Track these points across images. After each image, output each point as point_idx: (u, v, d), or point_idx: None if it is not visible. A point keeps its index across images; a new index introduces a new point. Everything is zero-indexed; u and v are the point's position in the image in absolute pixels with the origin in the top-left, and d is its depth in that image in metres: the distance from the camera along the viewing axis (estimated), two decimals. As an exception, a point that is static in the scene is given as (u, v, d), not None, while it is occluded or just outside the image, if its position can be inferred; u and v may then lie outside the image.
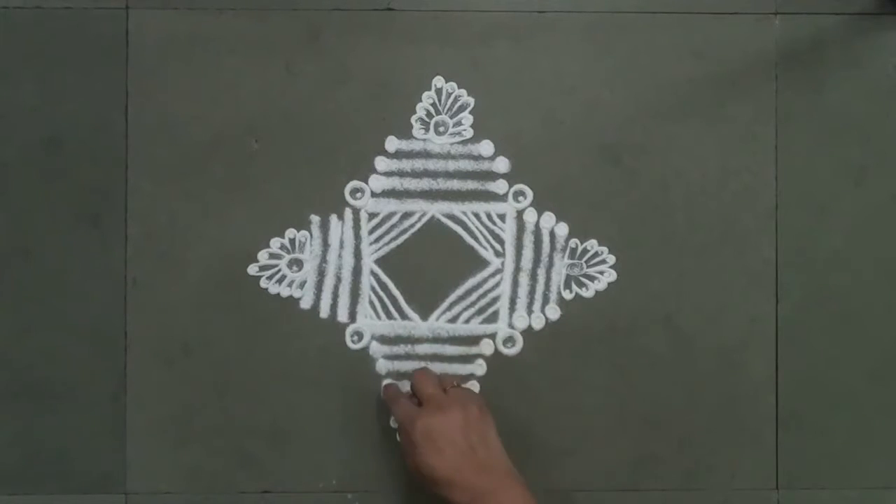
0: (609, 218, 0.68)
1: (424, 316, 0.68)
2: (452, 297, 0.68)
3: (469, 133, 0.68)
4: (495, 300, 0.68)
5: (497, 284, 0.68)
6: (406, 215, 0.68)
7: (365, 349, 0.68)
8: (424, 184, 0.68)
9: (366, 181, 0.68)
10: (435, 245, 0.67)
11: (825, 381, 0.68)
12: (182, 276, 0.67)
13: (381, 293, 0.68)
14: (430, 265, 0.68)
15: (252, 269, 0.67)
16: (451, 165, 0.68)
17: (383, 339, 0.68)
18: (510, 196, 0.68)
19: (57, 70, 0.67)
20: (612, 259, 0.68)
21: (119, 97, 0.67)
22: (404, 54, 0.68)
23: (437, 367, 0.67)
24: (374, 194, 0.68)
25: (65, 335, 0.67)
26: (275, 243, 0.68)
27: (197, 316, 0.67)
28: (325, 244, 0.68)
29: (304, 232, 0.68)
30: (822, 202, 0.69)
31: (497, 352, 0.68)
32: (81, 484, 0.67)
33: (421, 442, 0.56)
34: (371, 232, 0.68)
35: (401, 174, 0.68)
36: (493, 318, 0.68)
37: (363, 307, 0.68)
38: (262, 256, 0.67)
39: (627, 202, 0.68)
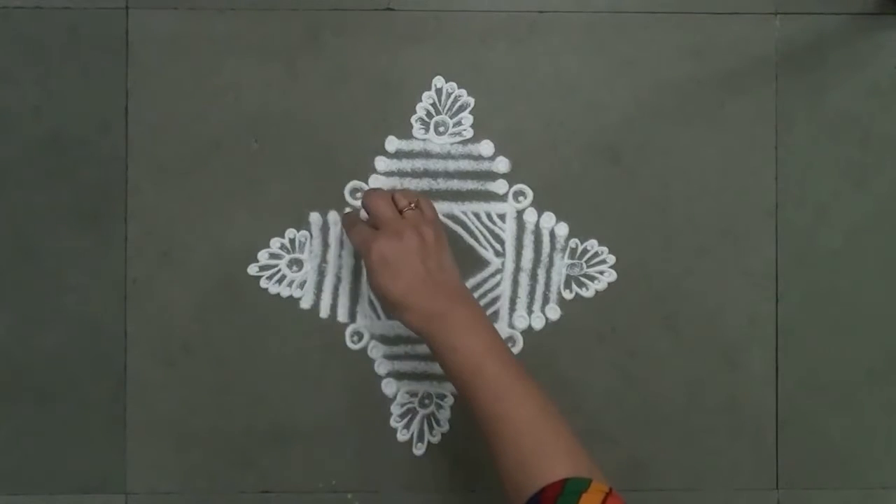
0: (609, 218, 0.68)
1: (424, 316, 0.67)
2: (452, 297, 0.67)
3: (469, 133, 0.68)
4: (495, 300, 0.68)
5: (497, 284, 0.68)
6: (406, 215, 0.67)
7: (365, 349, 0.68)
8: (424, 184, 0.68)
9: (366, 181, 0.68)
10: (435, 245, 0.67)
11: (825, 381, 0.68)
12: (182, 276, 0.67)
13: (381, 293, 0.67)
14: (430, 265, 0.67)
15: (252, 269, 0.67)
16: (451, 165, 0.68)
17: (383, 339, 0.68)
18: (510, 196, 0.68)
19: (57, 70, 0.67)
20: (612, 259, 0.68)
21: (119, 97, 0.67)
22: (404, 54, 0.68)
23: (438, 368, 0.67)
24: (374, 194, 0.68)
25: (65, 335, 0.67)
26: (275, 243, 0.68)
27: (197, 316, 0.67)
28: (325, 244, 0.68)
29: (304, 232, 0.68)
30: (822, 202, 0.69)
31: (497, 352, 0.67)
32: (81, 484, 0.67)
33: (377, 266, 0.56)
34: (371, 232, 0.67)
35: (401, 174, 0.68)
36: (493, 318, 0.68)
37: (363, 307, 0.68)
38: (262, 256, 0.67)
39: (627, 202, 0.68)
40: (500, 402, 0.52)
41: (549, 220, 0.68)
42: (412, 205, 0.60)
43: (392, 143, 0.68)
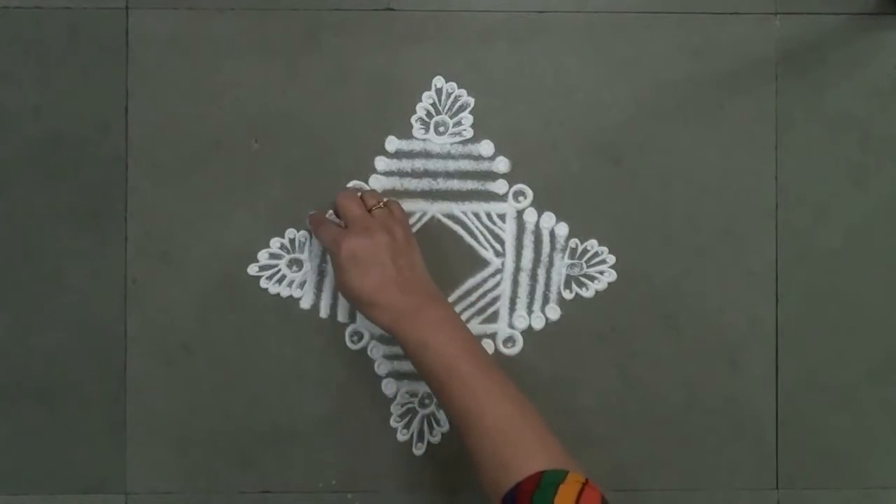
0: (609, 218, 0.68)
1: (424, 316, 0.67)
2: (452, 297, 0.68)
3: (469, 133, 0.68)
4: (495, 300, 0.68)
5: (497, 284, 0.68)
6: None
7: (365, 349, 0.68)
8: (424, 184, 0.68)
9: (366, 181, 0.68)
10: (435, 245, 0.67)
11: (825, 381, 0.68)
12: (182, 276, 0.67)
13: (381, 293, 0.67)
14: (430, 265, 0.67)
15: (252, 269, 0.67)
16: (451, 165, 0.68)
17: (383, 339, 0.68)
18: (510, 196, 0.68)
19: (57, 70, 0.67)
20: (612, 259, 0.68)
21: (119, 97, 0.67)
22: (404, 54, 0.68)
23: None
24: (374, 194, 0.68)
25: (65, 335, 0.67)
26: (275, 243, 0.68)
27: (197, 316, 0.67)
28: (325, 244, 0.68)
29: (304, 232, 0.68)
30: (822, 202, 0.69)
31: (497, 352, 0.68)
32: (81, 484, 0.67)
33: (346, 264, 0.56)
34: (371, 232, 0.67)
35: (401, 174, 0.68)
36: (493, 318, 0.68)
37: (363, 307, 0.68)
38: (262, 256, 0.67)
39: (627, 202, 0.68)
40: (474, 398, 0.52)
41: (549, 220, 0.68)
42: (381, 204, 0.61)
43: (392, 143, 0.68)
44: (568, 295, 0.68)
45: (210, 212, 0.67)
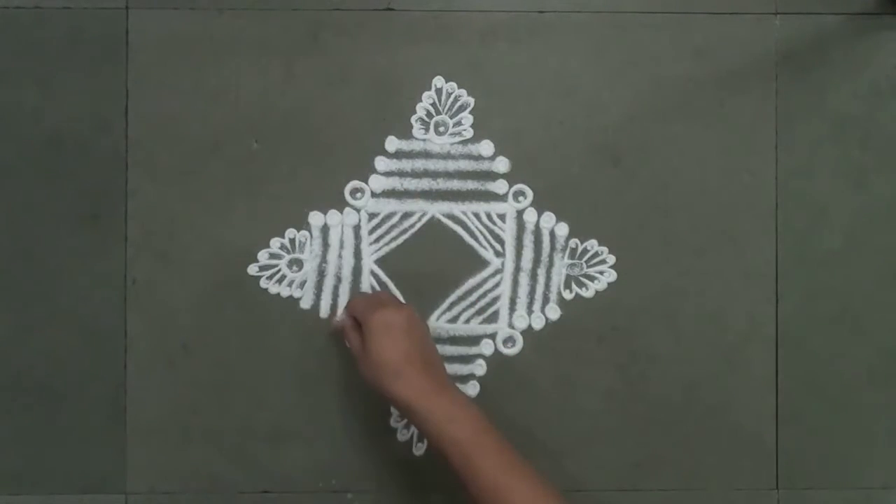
0: (609, 218, 0.68)
1: (424, 316, 0.67)
2: (452, 297, 0.68)
3: (469, 133, 0.68)
4: (495, 300, 0.68)
5: (497, 284, 0.68)
6: (406, 215, 0.68)
7: (365, 349, 0.68)
8: (424, 184, 0.68)
9: (366, 181, 0.68)
10: (435, 245, 0.67)
11: (825, 381, 0.68)
12: (182, 276, 0.67)
13: (381, 293, 0.67)
14: (430, 265, 0.68)
15: (252, 269, 0.67)
16: (451, 165, 0.68)
17: (383, 339, 0.68)
18: (510, 196, 0.68)
19: (57, 70, 0.67)
20: (612, 259, 0.68)
21: (119, 97, 0.67)
22: (404, 54, 0.68)
23: (437, 367, 0.67)
24: (374, 194, 0.68)
25: (65, 335, 0.67)
26: (275, 243, 0.68)
27: (197, 316, 0.67)
28: (325, 244, 0.68)
29: (304, 232, 0.68)
30: (822, 202, 0.69)
31: (497, 352, 0.68)
32: (81, 484, 0.67)
33: (378, 332, 0.56)
34: (371, 232, 0.68)
35: (401, 174, 0.68)
36: (493, 318, 0.68)
37: (363, 307, 0.68)
38: (262, 256, 0.67)
39: (627, 202, 0.68)
40: (504, 474, 0.52)
41: (549, 220, 0.68)
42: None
43: (392, 143, 0.68)
44: (568, 295, 0.68)
45: (210, 212, 0.67)
